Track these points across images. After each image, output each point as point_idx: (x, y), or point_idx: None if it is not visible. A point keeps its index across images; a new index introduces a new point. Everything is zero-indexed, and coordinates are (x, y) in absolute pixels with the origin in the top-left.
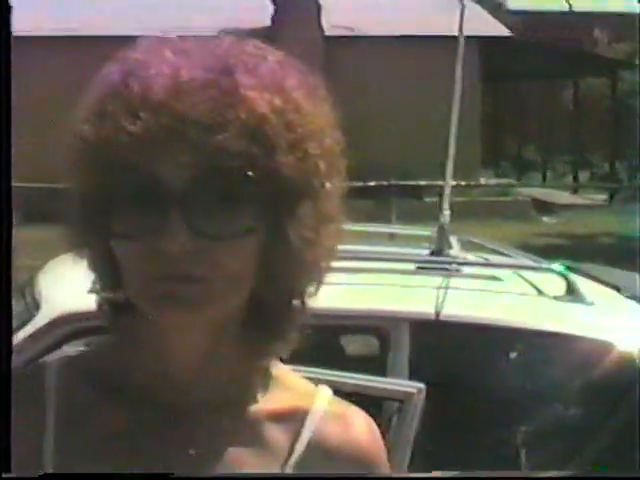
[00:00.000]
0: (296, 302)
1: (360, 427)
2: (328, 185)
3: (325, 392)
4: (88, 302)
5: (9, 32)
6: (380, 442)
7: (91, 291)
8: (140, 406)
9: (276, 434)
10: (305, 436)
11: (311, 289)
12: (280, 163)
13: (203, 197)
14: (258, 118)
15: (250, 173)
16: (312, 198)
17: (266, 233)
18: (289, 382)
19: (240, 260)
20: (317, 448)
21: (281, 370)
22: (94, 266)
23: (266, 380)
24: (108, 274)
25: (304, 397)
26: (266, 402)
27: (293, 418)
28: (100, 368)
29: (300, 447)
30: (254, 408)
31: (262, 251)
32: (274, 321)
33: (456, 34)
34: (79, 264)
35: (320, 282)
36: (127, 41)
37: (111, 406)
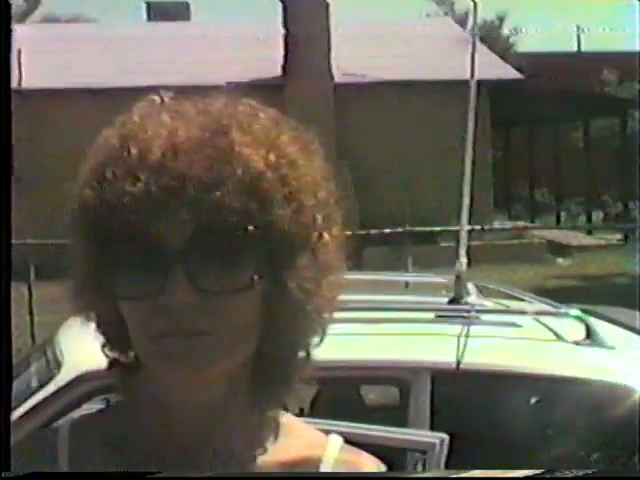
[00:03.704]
0: (301, 353)
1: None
2: (325, 236)
3: (335, 440)
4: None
5: (9, 32)
6: None
7: (102, 351)
8: (151, 463)
9: None
10: None
11: (315, 340)
12: (276, 216)
13: (203, 253)
14: (254, 174)
15: (248, 227)
16: (310, 249)
17: (266, 286)
18: (299, 431)
19: (242, 314)
20: None
21: (290, 420)
22: (102, 327)
23: (275, 430)
24: (116, 335)
25: (315, 446)
26: (277, 452)
27: (305, 468)
28: (112, 427)
29: None
30: (265, 459)
31: (264, 304)
32: (280, 373)
33: (466, 78)
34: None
35: (324, 333)
36: (137, 94)
37: (123, 464)
